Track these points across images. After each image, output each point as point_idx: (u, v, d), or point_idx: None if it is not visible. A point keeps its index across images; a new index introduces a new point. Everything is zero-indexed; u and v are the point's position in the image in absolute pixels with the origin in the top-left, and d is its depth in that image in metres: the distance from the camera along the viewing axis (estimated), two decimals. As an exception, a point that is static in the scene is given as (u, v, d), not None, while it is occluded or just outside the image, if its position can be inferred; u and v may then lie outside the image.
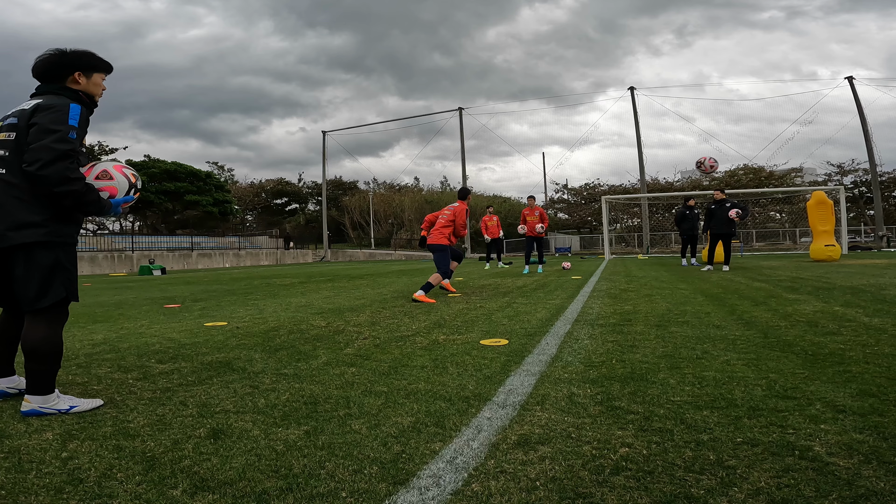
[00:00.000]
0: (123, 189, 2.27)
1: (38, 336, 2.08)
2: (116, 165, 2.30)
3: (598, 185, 47.57)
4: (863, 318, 3.84)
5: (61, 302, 2.13)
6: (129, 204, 2.33)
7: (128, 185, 2.29)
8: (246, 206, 52.52)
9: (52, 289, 2.09)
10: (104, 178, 2.23)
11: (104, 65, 2.31)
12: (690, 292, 6.13)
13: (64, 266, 2.13)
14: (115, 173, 2.26)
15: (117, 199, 2.25)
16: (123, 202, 2.28)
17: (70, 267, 2.16)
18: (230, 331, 4.19)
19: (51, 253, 2.09)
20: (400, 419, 1.96)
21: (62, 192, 2.02)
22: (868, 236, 33.68)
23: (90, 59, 2.25)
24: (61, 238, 2.11)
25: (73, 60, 2.20)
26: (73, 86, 2.21)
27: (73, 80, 2.20)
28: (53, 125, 2.01)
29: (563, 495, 1.35)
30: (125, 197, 2.29)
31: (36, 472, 1.57)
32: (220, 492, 1.41)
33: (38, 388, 2.08)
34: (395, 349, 3.28)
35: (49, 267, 2.08)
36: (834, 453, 1.54)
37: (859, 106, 28.06)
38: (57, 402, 2.11)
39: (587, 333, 3.62)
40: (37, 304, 2.08)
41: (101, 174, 2.23)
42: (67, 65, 2.19)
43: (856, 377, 2.32)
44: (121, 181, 2.26)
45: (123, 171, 2.30)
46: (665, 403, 2.05)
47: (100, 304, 6.88)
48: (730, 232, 10.41)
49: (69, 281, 2.15)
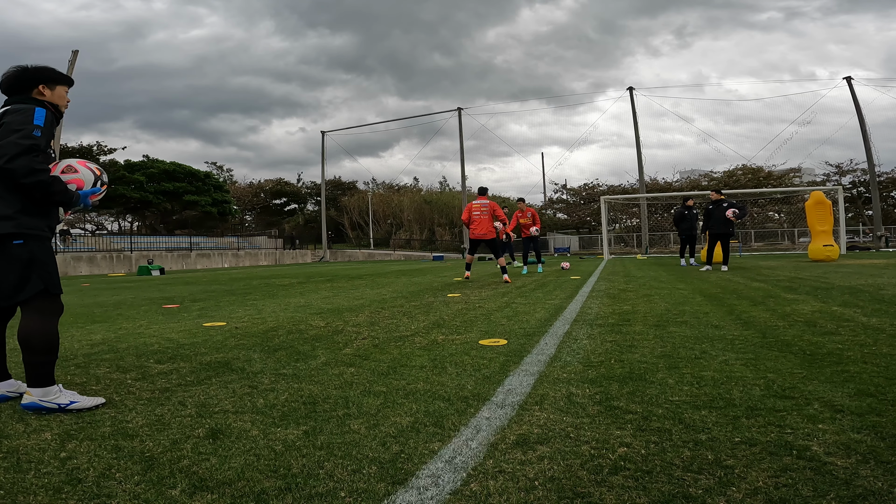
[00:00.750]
0: (89, 181, 2.37)
1: (31, 328, 2.15)
2: (80, 161, 2.41)
3: (597, 185, 47.61)
4: (861, 318, 3.84)
5: (41, 294, 2.18)
6: (97, 196, 2.42)
7: (93, 178, 2.39)
8: (245, 206, 52.47)
9: (30, 282, 2.16)
10: (69, 171, 2.33)
11: (65, 79, 2.44)
12: (689, 292, 6.13)
13: (38, 258, 2.18)
14: (80, 167, 2.37)
15: (84, 190, 2.35)
16: (91, 194, 2.37)
17: (45, 259, 2.21)
18: (229, 331, 4.19)
19: (24, 246, 2.15)
20: (399, 419, 1.96)
21: (29, 184, 2.10)
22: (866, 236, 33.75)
23: (52, 73, 2.37)
24: (30, 230, 2.17)
25: (35, 74, 2.32)
26: (39, 97, 2.32)
27: (38, 91, 2.32)
28: (19, 125, 2.12)
29: (561, 495, 1.35)
30: (92, 189, 2.38)
31: (34, 472, 1.57)
32: (219, 492, 1.41)
33: (37, 380, 2.13)
34: (394, 349, 3.28)
35: (24, 260, 2.15)
36: (832, 453, 1.54)
37: (857, 106, 28.10)
38: (58, 395, 2.15)
39: (586, 333, 3.63)
40: (15, 297, 2.16)
41: (66, 168, 2.34)
42: (31, 78, 2.31)
43: (854, 377, 2.32)
44: (86, 174, 2.37)
45: (87, 166, 2.40)
46: (663, 403, 2.05)
47: (98, 304, 6.87)
48: (728, 232, 10.42)
49: (47, 273, 2.20)
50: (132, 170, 35.15)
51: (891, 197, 39.54)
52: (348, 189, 53.66)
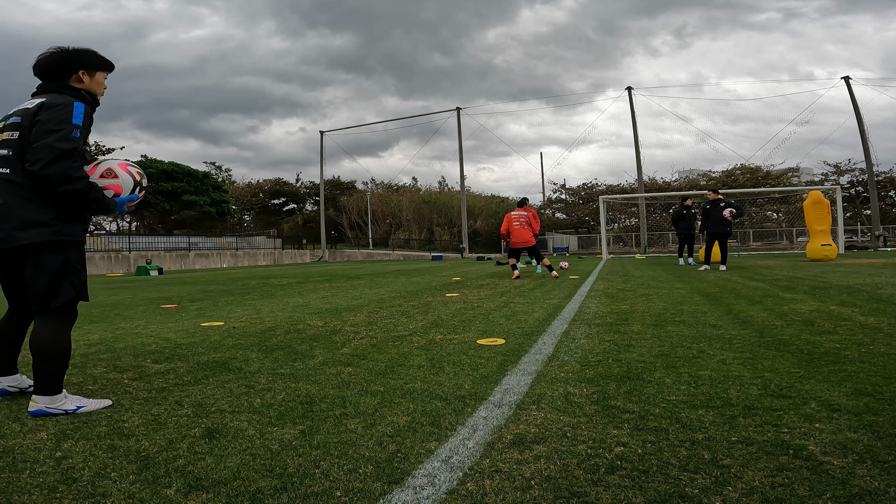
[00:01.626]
0: (128, 187, 2.24)
1: (46, 336, 2.07)
2: (121, 163, 2.27)
3: (595, 184, 47.61)
4: (858, 318, 3.85)
5: (71, 301, 2.12)
6: (134, 203, 2.30)
7: (133, 183, 2.26)
8: (243, 206, 52.44)
9: (63, 289, 2.07)
10: (109, 176, 2.20)
11: (106, 63, 2.29)
12: (687, 292, 6.14)
13: (73, 265, 2.11)
14: (120, 171, 2.23)
15: (122, 197, 2.23)
16: (128, 201, 2.26)
17: (79, 266, 2.14)
18: (227, 331, 4.18)
19: (59, 253, 2.07)
20: (396, 418, 1.96)
21: (65, 192, 1.99)
22: (864, 236, 33.80)
23: (93, 58, 2.23)
24: (69, 237, 2.09)
25: (76, 59, 2.17)
26: (77, 84, 2.18)
27: (77, 78, 2.18)
28: (56, 124, 1.99)
29: (557, 494, 1.35)
30: (130, 195, 2.26)
31: (30, 472, 1.56)
32: (215, 491, 1.41)
33: (46, 388, 2.06)
34: (392, 349, 3.28)
35: (58, 267, 2.06)
36: (828, 452, 1.54)
37: (856, 106, 28.15)
38: (64, 402, 2.10)
39: (584, 333, 3.63)
40: (47, 304, 2.06)
41: (106, 172, 2.20)
42: (71, 63, 2.16)
43: (851, 376, 2.32)
44: (126, 179, 2.24)
45: (128, 169, 2.27)
46: (661, 403, 2.05)
47: (96, 304, 6.86)
48: (726, 231, 10.44)
49: (79, 280, 2.13)
50: (130, 169, 35.07)
51: (889, 196, 39.59)
52: (347, 189, 53.64)
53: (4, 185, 2.03)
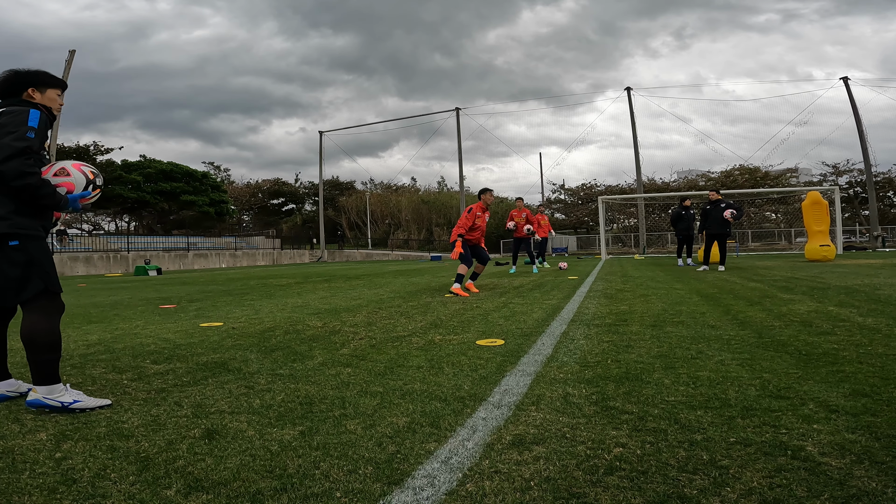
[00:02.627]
0: (80, 185, 2.35)
1: (33, 327, 2.16)
2: (75, 164, 2.39)
3: (594, 185, 47.66)
4: (857, 318, 3.85)
5: (42, 293, 2.19)
6: (88, 199, 2.40)
7: (85, 181, 2.37)
8: (242, 206, 52.41)
9: (30, 282, 2.17)
10: (61, 174, 2.32)
11: (57, 82, 2.42)
12: (686, 292, 6.15)
13: (36, 258, 2.19)
14: (73, 170, 2.35)
15: (74, 194, 2.33)
16: (80, 197, 2.36)
17: (42, 258, 2.21)
18: (226, 331, 4.18)
19: (21, 247, 2.16)
20: (395, 419, 1.96)
21: (18, 186, 2.11)
22: (863, 236, 33.84)
23: (43, 77, 2.36)
24: (24, 230, 2.17)
25: (25, 78, 2.31)
26: (29, 100, 2.31)
27: (28, 95, 2.31)
28: (14, 126, 2.12)
29: (557, 495, 1.35)
30: (82, 192, 2.36)
31: (30, 473, 1.56)
32: (214, 492, 1.41)
33: (42, 378, 2.14)
34: (391, 349, 3.28)
35: (22, 261, 2.15)
36: (826, 453, 1.55)
37: (854, 106, 28.18)
38: (62, 394, 2.16)
39: (583, 333, 3.63)
40: (17, 298, 2.17)
41: (59, 171, 2.32)
42: (21, 82, 2.30)
43: (849, 377, 2.33)
44: (77, 177, 2.35)
45: (81, 169, 2.38)
46: (659, 403, 2.05)
47: (95, 304, 6.86)
48: (725, 232, 10.45)
49: (45, 273, 2.21)
50: (129, 170, 35.08)
51: (887, 197, 39.67)
52: (346, 189, 53.63)
53: None
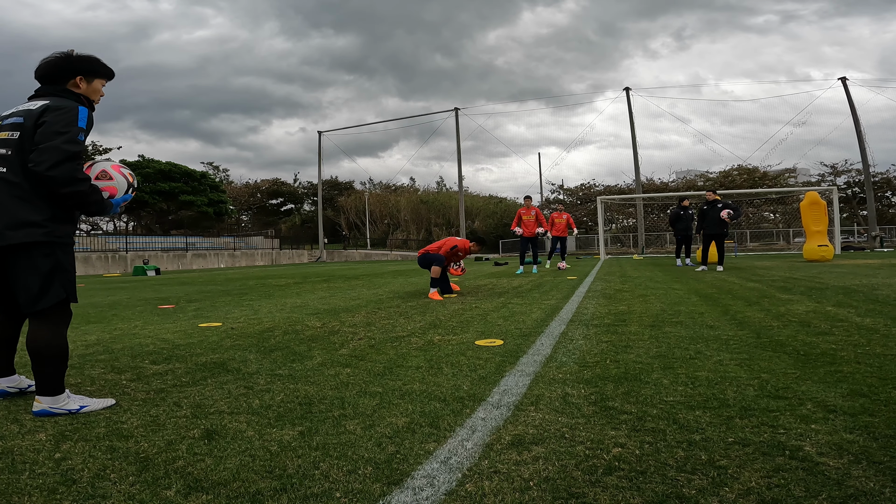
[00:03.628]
0: (122, 189, 2.28)
1: (42, 338, 2.08)
2: (114, 165, 2.31)
3: (593, 185, 47.73)
4: (855, 319, 3.86)
5: (61, 303, 2.13)
6: (125, 203, 2.35)
7: (126, 185, 2.30)
8: (241, 206, 52.39)
9: (52, 290, 2.09)
10: (104, 178, 2.23)
11: (106, 71, 2.32)
12: (684, 292, 6.15)
13: (63, 266, 2.12)
14: (115, 173, 2.27)
15: (117, 198, 2.26)
16: (122, 202, 2.30)
17: (68, 267, 2.16)
18: (225, 331, 4.18)
19: (49, 253, 2.08)
20: (394, 420, 1.96)
21: (68, 193, 2.02)
22: (861, 236, 33.90)
23: (94, 65, 2.26)
24: (59, 238, 2.10)
25: (77, 64, 2.21)
26: (74, 89, 2.21)
27: (74, 83, 2.21)
28: (63, 126, 2.02)
29: (556, 495, 1.35)
30: (123, 196, 2.30)
31: (29, 473, 1.56)
32: (214, 492, 1.41)
33: (48, 388, 2.09)
34: (391, 350, 3.28)
35: (48, 268, 2.08)
36: (824, 453, 1.55)
37: (852, 107, 28.22)
38: (67, 402, 2.12)
39: (582, 334, 3.64)
40: (36, 305, 2.07)
41: (101, 174, 2.23)
42: (71, 68, 2.19)
43: (847, 377, 2.33)
44: (120, 181, 2.27)
45: (122, 171, 2.31)
46: (658, 403, 2.06)
47: (93, 304, 6.85)
48: (723, 232, 10.46)
49: (68, 282, 2.15)
50: (128, 169, 35.02)
51: (885, 197, 39.75)
52: (345, 189, 53.64)
53: (1, 185, 2.04)
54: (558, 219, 13.28)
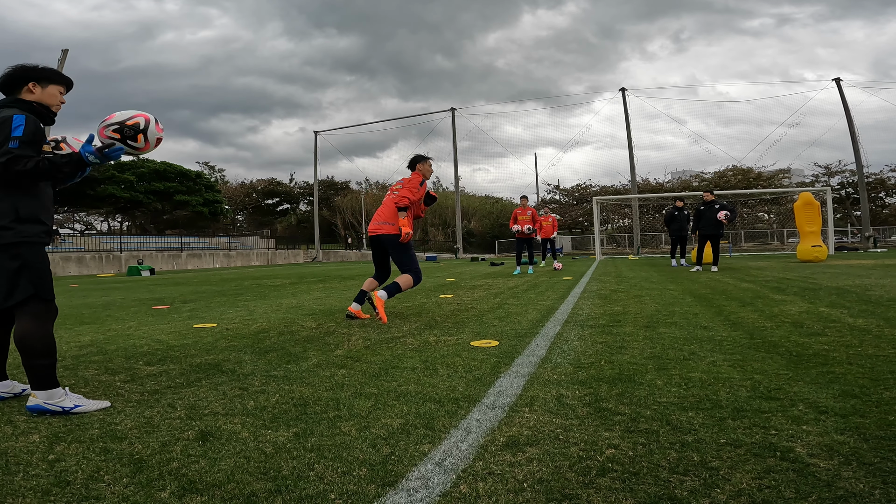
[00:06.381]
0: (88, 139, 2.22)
1: (26, 332, 2.15)
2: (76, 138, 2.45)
3: (589, 185, 47.87)
4: (847, 319, 3.89)
5: (32, 298, 2.18)
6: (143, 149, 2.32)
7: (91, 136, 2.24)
8: (236, 206, 52.24)
9: (19, 287, 2.15)
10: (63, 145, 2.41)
11: (61, 78, 2.38)
12: (679, 293, 6.18)
13: (29, 263, 2.17)
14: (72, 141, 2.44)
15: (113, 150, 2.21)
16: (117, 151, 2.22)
17: (36, 264, 2.20)
18: (219, 332, 4.17)
19: (16, 254, 2.15)
20: (389, 421, 1.97)
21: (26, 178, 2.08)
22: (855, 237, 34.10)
23: (46, 72, 2.33)
24: (27, 238, 2.16)
25: (27, 72, 2.28)
26: (28, 96, 2.27)
27: (28, 90, 2.27)
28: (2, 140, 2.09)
29: (549, 496, 1.36)
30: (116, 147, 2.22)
31: (23, 475, 1.56)
32: (209, 494, 1.41)
33: (40, 383, 2.14)
34: (386, 351, 3.28)
35: (14, 266, 2.15)
36: (815, 454, 1.56)
37: (846, 108, 28.38)
38: (63, 399, 2.15)
39: (577, 335, 3.65)
40: (6, 302, 2.15)
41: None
42: (24, 76, 2.27)
43: (839, 378, 2.35)
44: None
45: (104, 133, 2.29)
46: (652, 405, 2.07)
47: (87, 305, 6.82)
48: (718, 233, 10.51)
49: (37, 278, 2.19)
50: (122, 169, 34.91)
51: (879, 198, 40.00)
52: (341, 189, 53.55)
53: None
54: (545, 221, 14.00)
